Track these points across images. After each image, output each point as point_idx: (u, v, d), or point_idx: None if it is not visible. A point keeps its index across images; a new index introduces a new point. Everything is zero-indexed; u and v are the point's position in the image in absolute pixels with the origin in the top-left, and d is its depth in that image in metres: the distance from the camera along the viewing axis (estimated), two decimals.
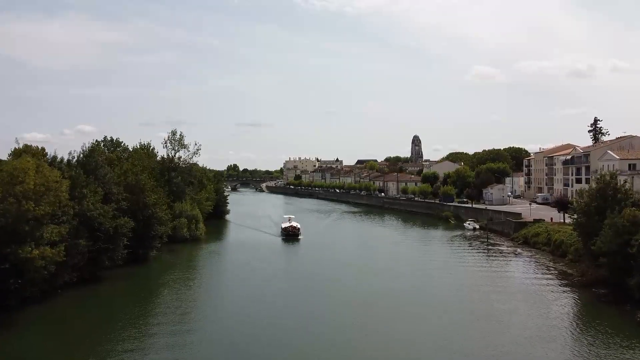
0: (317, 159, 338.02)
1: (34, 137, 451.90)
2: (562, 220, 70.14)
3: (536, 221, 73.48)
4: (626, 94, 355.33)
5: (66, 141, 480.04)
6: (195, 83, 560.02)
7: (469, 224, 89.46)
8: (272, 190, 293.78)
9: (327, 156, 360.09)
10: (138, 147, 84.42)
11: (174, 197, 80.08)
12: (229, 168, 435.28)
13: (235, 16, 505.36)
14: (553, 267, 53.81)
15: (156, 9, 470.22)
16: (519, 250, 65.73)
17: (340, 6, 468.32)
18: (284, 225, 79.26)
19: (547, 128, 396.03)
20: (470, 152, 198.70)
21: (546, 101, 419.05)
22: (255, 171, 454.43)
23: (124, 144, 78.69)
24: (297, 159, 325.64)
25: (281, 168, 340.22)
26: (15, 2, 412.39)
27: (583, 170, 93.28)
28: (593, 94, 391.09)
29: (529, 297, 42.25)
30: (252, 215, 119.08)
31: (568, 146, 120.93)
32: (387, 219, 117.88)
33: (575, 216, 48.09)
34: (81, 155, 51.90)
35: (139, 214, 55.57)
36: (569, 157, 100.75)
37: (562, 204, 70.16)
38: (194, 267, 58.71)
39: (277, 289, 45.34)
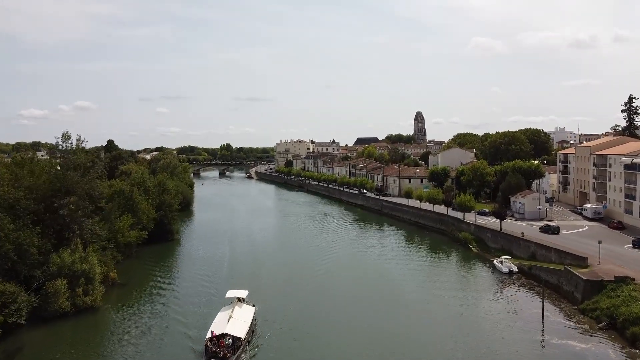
0: (312, 141, 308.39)
1: (32, 114, 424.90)
2: None
3: (619, 280, 46.46)
4: (630, 64, 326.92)
5: (64, 117, 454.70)
6: (193, 57, 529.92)
7: (501, 262, 62.36)
8: (262, 177, 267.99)
9: (326, 134, 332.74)
10: (16, 159, 57.29)
11: (68, 231, 53.82)
12: (222, 148, 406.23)
13: None
14: None
15: None
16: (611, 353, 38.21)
17: None
18: (208, 335, 38.04)
19: (549, 99, 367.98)
20: (473, 127, 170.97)
21: (547, 72, 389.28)
22: (250, 150, 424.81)
23: None
24: (290, 140, 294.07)
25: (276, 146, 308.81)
26: None
27: None
28: (595, 64, 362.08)
29: None
30: (211, 237, 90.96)
31: (623, 140, 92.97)
32: (386, 237, 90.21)
33: None
34: None
35: None
36: (637, 159, 72.64)
37: None
38: None
39: None
